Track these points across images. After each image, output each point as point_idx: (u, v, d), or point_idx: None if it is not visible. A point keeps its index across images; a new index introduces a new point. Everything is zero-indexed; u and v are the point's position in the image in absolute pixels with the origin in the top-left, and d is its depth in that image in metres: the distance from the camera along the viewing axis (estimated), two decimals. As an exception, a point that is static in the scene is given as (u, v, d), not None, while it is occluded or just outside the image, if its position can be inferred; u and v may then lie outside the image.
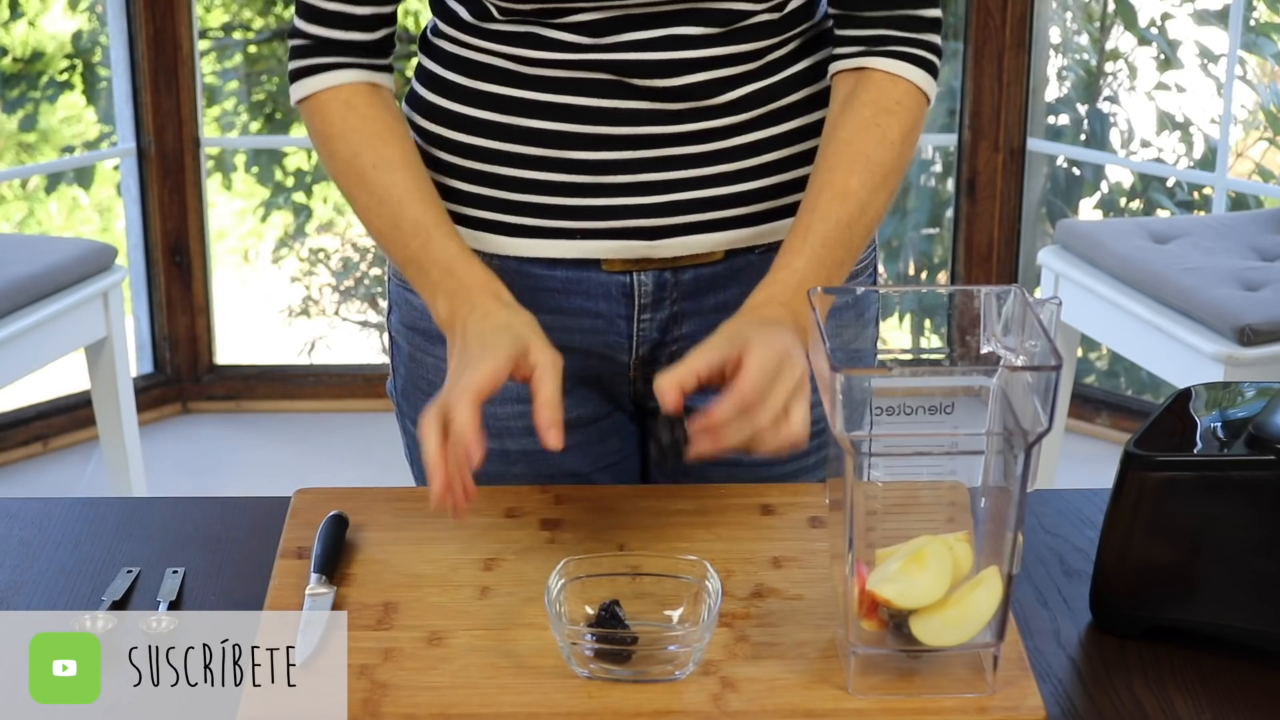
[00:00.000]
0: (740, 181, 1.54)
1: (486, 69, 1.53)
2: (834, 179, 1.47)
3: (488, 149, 1.53)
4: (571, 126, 1.51)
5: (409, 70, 4.42)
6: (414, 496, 1.54)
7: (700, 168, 1.52)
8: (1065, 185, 4.44)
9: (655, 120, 1.51)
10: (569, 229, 1.53)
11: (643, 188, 1.52)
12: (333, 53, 1.53)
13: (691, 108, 1.51)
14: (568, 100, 1.50)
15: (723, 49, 1.50)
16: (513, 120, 1.52)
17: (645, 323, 1.57)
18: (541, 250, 1.54)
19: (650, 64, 1.49)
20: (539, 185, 1.53)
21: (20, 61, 4.59)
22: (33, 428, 3.93)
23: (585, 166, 1.52)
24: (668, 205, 1.52)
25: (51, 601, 1.41)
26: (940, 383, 1.27)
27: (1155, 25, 4.38)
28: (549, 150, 1.52)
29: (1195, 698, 1.29)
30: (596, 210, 1.53)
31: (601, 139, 1.51)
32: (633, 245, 1.53)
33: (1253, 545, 1.30)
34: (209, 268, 4.13)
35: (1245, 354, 2.93)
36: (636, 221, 1.53)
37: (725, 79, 1.51)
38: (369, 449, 3.92)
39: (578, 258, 1.54)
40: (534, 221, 1.54)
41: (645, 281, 1.55)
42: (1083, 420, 4.02)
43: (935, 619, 1.23)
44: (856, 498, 1.23)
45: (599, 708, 1.24)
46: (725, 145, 1.53)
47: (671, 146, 1.52)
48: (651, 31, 1.49)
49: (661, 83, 1.49)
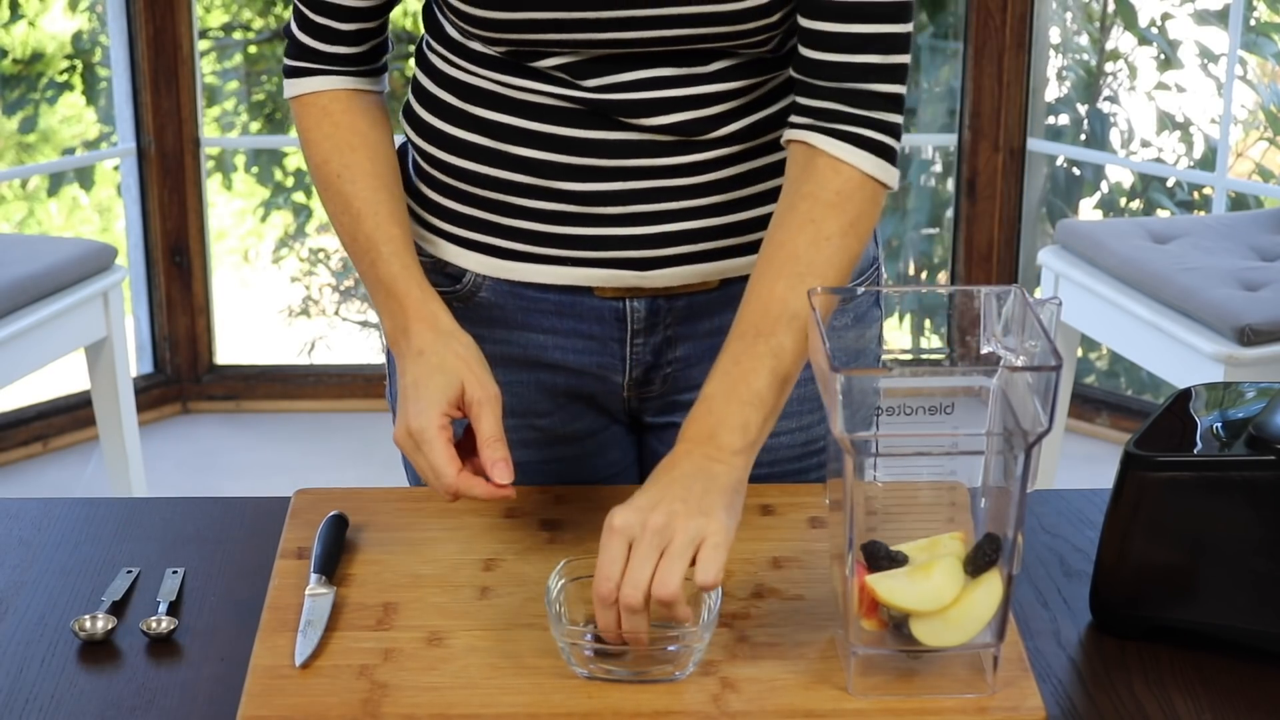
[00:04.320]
0: (732, 212, 1.52)
1: (475, 91, 1.51)
2: (761, 285, 1.40)
3: (478, 174, 1.52)
4: (560, 157, 1.49)
5: (409, 71, 4.42)
6: (414, 496, 1.54)
7: (691, 199, 1.50)
8: (1065, 185, 4.44)
9: (645, 152, 1.48)
10: (559, 256, 1.52)
11: (633, 219, 1.50)
12: (317, 59, 1.53)
13: (681, 141, 1.49)
14: (555, 130, 1.49)
15: (709, 87, 1.47)
16: (502, 147, 1.51)
17: (639, 346, 1.56)
18: (533, 275, 1.53)
19: (635, 104, 1.46)
20: (528, 212, 1.52)
21: (20, 62, 4.59)
22: (33, 428, 3.93)
23: (575, 197, 1.50)
24: (659, 236, 1.51)
25: (51, 601, 1.41)
26: (940, 383, 1.27)
27: (1155, 25, 4.38)
28: (539, 179, 1.50)
29: (1195, 698, 1.29)
30: (586, 240, 1.51)
31: (590, 170, 1.49)
32: (624, 275, 1.52)
33: (1253, 545, 1.30)
34: (209, 268, 4.13)
35: (1245, 354, 2.93)
36: (627, 252, 1.51)
37: (713, 117, 1.48)
38: (369, 449, 3.92)
39: (569, 284, 1.53)
40: (524, 247, 1.53)
41: (638, 308, 1.54)
42: (1083, 420, 4.02)
43: (935, 619, 1.23)
44: (856, 498, 1.23)
45: (599, 708, 1.24)
46: (716, 177, 1.50)
47: (662, 178, 1.49)
48: (634, 73, 1.46)
49: (648, 121, 1.47)
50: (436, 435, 1.39)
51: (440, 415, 1.40)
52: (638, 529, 1.27)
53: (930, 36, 4.41)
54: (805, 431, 1.60)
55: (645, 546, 1.26)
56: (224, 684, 1.29)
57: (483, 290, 1.55)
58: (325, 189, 1.52)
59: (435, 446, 1.39)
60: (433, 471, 1.40)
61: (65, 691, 1.29)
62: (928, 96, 4.42)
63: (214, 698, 1.28)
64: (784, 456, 1.60)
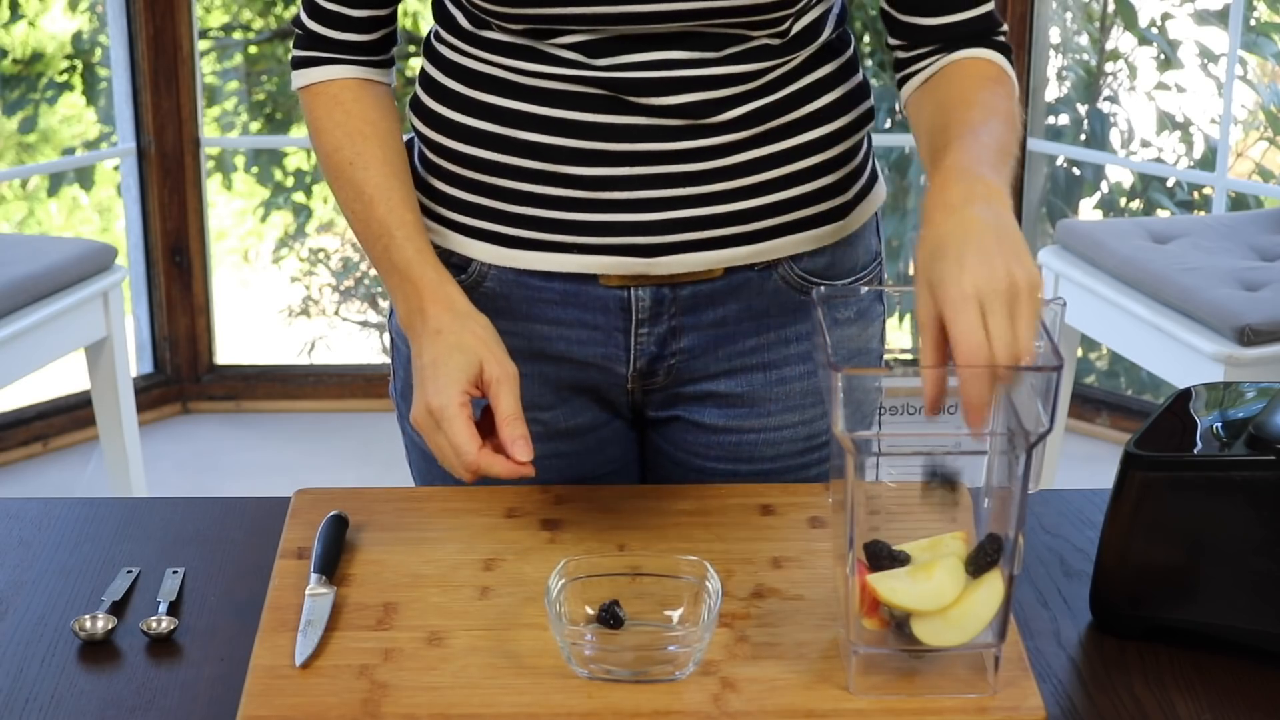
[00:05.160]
0: (739, 199, 1.52)
1: (485, 79, 1.52)
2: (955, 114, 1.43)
3: (485, 160, 1.53)
4: (569, 141, 1.50)
5: (409, 70, 4.42)
6: (414, 496, 1.54)
7: (698, 185, 1.51)
8: (1065, 185, 4.44)
9: (653, 137, 1.49)
10: (565, 243, 1.53)
11: (640, 204, 1.51)
12: (329, 48, 1.54)
13: (689, 125, 1.49)
14: (565, 115, 1.50)
15: (720, 69, 1.49)
16: (510, 132, 1.51)
17: (643, 336, 1.56)
18: (538, 263, 1.54)
19: (646, 82, 1.47)
20: (536, 199, 1.52)
21: (20, 63, 4.59)
22: (33, 428, 3.93)
23: (582, 182, 1.51)
24: (665, 223, 1.51)
25: (51, 601, 1.41)
26: (941, 383, 1.27)
27: (1155, 25, 4.38)
28: (546, 164, 1.51)
29: (1195, 698, 1.28)
30: (593, 226, 1.52)
31: (599, 154, 1.50)
32: (630, 262, 1.52)
33: (1253, 545, 1.30)
34: (209, 268, 4.13)
35: (1245, 354, 2.93)
36: (633, 239, 1.51)
37: (723, 99, 1.49)
38: (369, 449, 3.92)
39: (574, 272, 1.54)
40: (530, 234, 1.53)
41: (643, 296, 1.54)
42: (1083, 420, 4.02)
43: (936, 619, 1.23)
44: (857, 497, 1.23)
45: (599, 708, 1.24)
46: (724, 163, 1.51)
47: (669, 164, 1.50)
48: (648, 54, 1.47)
49: (658, 100, 1.48)
50: (458, 412, 1.40)
51: (460, 393, 1.41)
52: (988, 296, 1.26)
53: (930, 36, 4.40)
54: (808, 425, 1.60)
55: (1001, 311, 1.26)
56: (224, 684, 1.29)
57: (488, 280, 1.55)
58: (336, 176, 1.53)
59: (456, 424, 1.40)
60: (453, 449, 1.41)
61: (65, 691, 1.29)
62: (928, 96, 4.42)
63: (214, 698, 1.28)
64: (787, 451, 1.60)
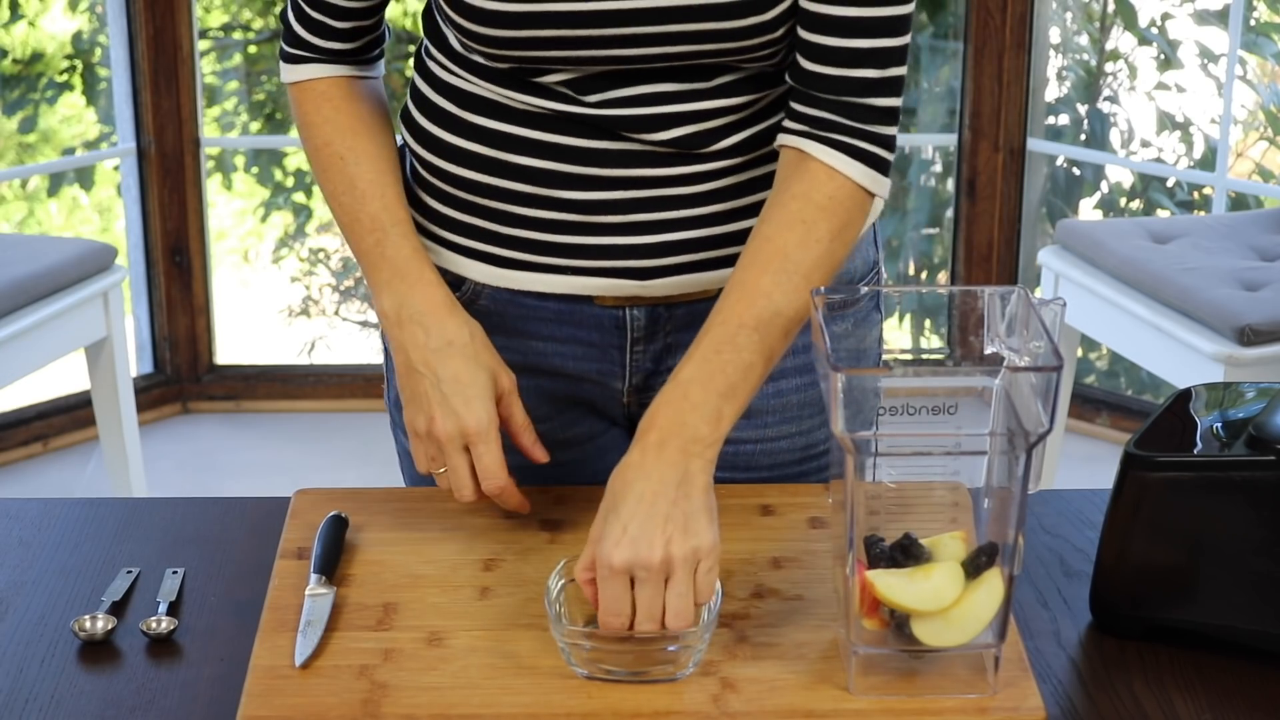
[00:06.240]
0: (732, 221, 1.51)
1: (476, 100, 1.51)
2: (747, 278, 1.39)
3: (477, 182, 1.52)
4: (561, 166, 1.49)
5: (408, 71, 4.42)
6: (414, 496, 1.54)
7: (691, 208, 1.50)
8: (1065, 185, 4.44)
9: (645, 162, 1.48)
10: (559, 265, 1.52)
11: (634, 228, 1.50)
12: (314, 50, 1.54)
13: (682, 153, 1.48)
14: (557, 139, 1.48)
15: (712, 102, 1.47)
16: (502, 155, 1.50)
17: (639, 354, 1.56)
18: (531, 284, 1.53)
19: (637, 119, 1.46)
20: (529, 221, 1.51)
21: (20, 62, 4.59)
22: (33, 428, 3.93)
23: (575, 206, 1.50)
24: (659, 246, 1.50)
25: (51, 601, 1.41)
26: (943, 383, 1.27)
27: (1155, 25, 4.38)
28: (538, 188, 1.50)
29: (1195, 698, 1.28)
30: (587, 249, 1.51)
31: (591, 179, 1.49)
32: (624, 284, 1.51)
33: (1253, 545, 1.30)
34: (209, 268, 4.13)
35: (1245, 354, 2.93)
36: (627, 262, 1.51)
37: (715, 129, 1.48)
38: (369, 449, 3.92)
39: (569, 293, 1.53)
40: (524, 256, 1.53)
41: (638, 316, 1.54)
42: (1083, 420, 4.02)
43: (936, 619, 1.23)
44: (857, 497, 1.23)
45: (599, 708, 1.24)
46: (716, 186, 1.50)
47: (662, 188, 1.49)
48: (637, 88, 1.46)
49: (649, 136, 1.46)
50: (495, 436, 1.42)
51: (493, 414, 1.43)
52: (638, 569, 1.28)
53: (930, 36, 4.41)
54: (805, 436, 1.60)
55: (651, 584, 1.28)
56: (224, 684, 1.29)
57: (482, 298, 1.55)
58: (326, 170, 1.53)
59: (493, 448, 1.42)
60: (481, 472, 1.42)
61: (65, 691, 1.29)
62: (928, 96, 4.42)
63: (214, 698, 1.28)
64: (783, 460, 1.60)
